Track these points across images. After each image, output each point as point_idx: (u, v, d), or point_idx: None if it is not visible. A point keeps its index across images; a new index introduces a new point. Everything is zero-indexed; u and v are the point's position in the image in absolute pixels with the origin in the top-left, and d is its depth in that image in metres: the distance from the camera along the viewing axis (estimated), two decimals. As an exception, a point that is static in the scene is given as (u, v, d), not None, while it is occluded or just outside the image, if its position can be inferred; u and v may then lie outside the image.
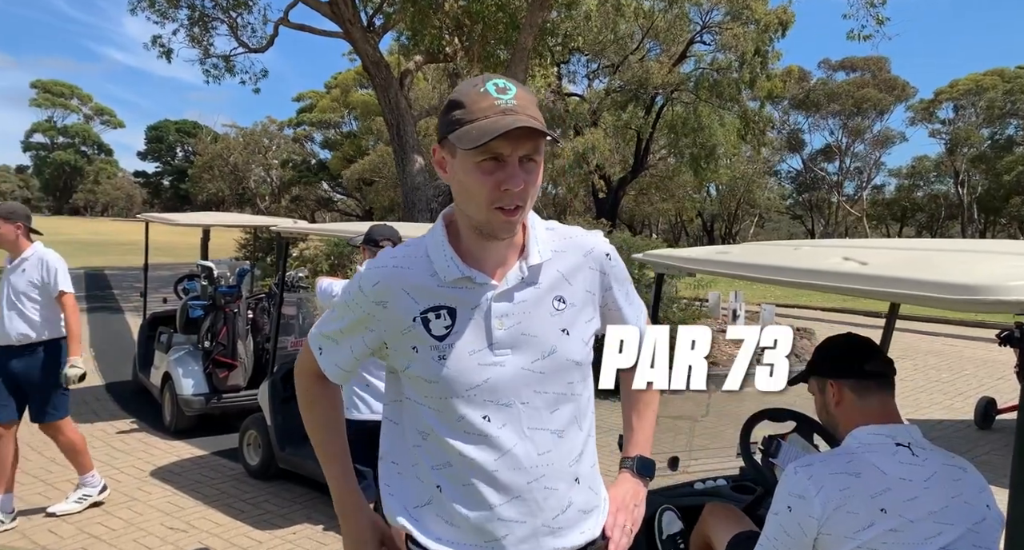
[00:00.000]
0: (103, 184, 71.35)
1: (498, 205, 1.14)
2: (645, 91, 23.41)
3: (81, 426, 5.66)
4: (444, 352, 1.18)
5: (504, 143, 1.11)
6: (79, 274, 18.19)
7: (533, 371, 1.19)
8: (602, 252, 1.30)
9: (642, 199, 37.88)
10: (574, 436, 1.24)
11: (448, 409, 1.19)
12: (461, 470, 1.19)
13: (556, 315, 1.23)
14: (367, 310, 1.24)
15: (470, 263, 1.21)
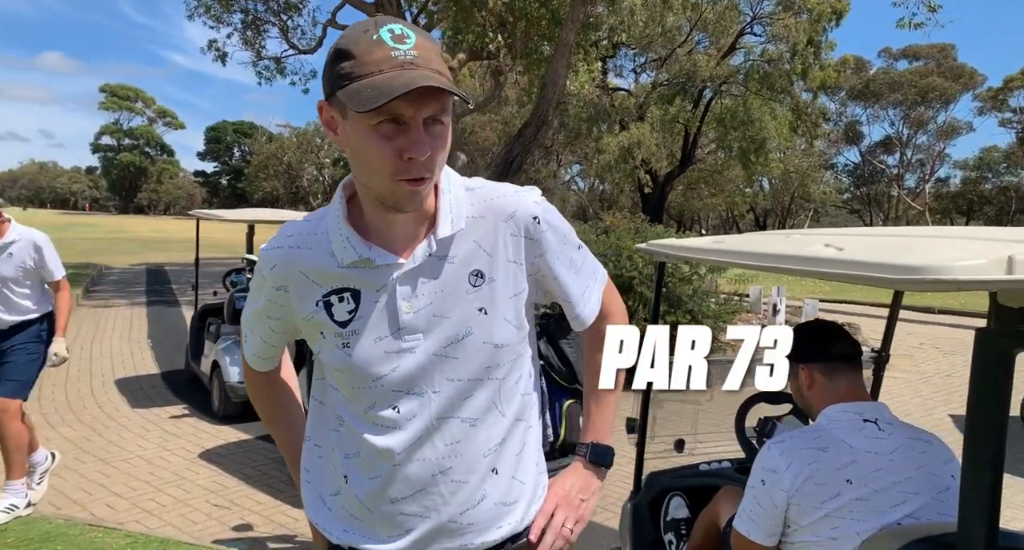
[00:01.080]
0: (165, 184, 74.30)
1: (402, 176, 0.99)
2: (693, 84, 23.05)
3: (137, 411, 6.05)
4: (348, 339, 1.08)
5: (405, 104, 0.95)
6: (141, 270, 19.09)
7: (446, 357, 1.08)
8: (527, 215, 1.11)
9: (691, 194, 37.32)
10: (492, 423, 1.12)
11: (357, 398, 1.11)
12: (368, 461, 1.11)
13: (473, 293, 1.08)
14: (268, 296, 1.14)
15: (374, 240, 1.08)
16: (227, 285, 7.14)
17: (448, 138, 1.02)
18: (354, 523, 1.15)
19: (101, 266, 18.92)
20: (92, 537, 3.33)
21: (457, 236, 1.09)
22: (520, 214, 1.11)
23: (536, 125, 12.52)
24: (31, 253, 3.64)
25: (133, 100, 75.34)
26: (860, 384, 1.65)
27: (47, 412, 5.91)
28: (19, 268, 3.63)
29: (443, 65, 0.99)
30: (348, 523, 1.15)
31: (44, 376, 7.07)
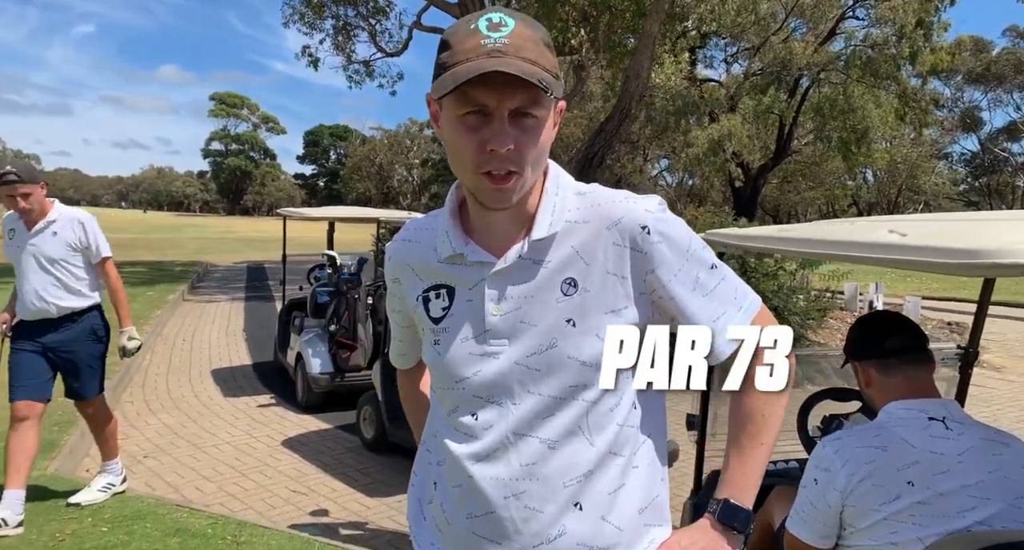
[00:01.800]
0: (268, 186, 78.62)
1: (485, 169, 0.95)
2: (788, 73, 22.02)
3: (228, 400, 6.39)
4: (439, 337, 1.06)
5: (487, 92, 0.91)
6: (242, 267, 20.24)
7: (529, 367, 1.00)
8: (634, 224, 1.00)
9: (786, 187, 35.76)
10: (576, 451, 1.01)
11: (444, 400, 1.09)
12: (451, 470, 1.07)
13: (563, 302, 1.00)
14: (391, 289, 1.17)
15: (475, 238, 1.05)
16: (310, 280, 7.44)
17: (542, 133, 0.95)
18: (438, 537, 1.11)
19: (207, 264, 20.19)
20: (177, 517, 3.53)
21: (555, 240, 1.02)
22: (627, 222, 1.01)
23: (618, 119, 12.30)
24: (76, 231, 3.47)
25: (239, 107, 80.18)
26: (925, 380, 1.51)
27: (150, 399, 6.33)
28: (67, 247, 3.45)
29: (542, 54, 0.94)
30: (435, 535, 1.12)
31: (148, 366, 7.67)
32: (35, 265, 3.41)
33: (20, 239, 3.46)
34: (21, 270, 3.44)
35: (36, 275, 3.40)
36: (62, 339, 3.46)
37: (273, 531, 3.43)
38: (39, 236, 3.43)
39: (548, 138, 0.97)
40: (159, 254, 23.28)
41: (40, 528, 3.30)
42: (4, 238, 3.51)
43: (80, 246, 3.48)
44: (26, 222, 3.44)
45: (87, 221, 3.51)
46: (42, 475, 3.94)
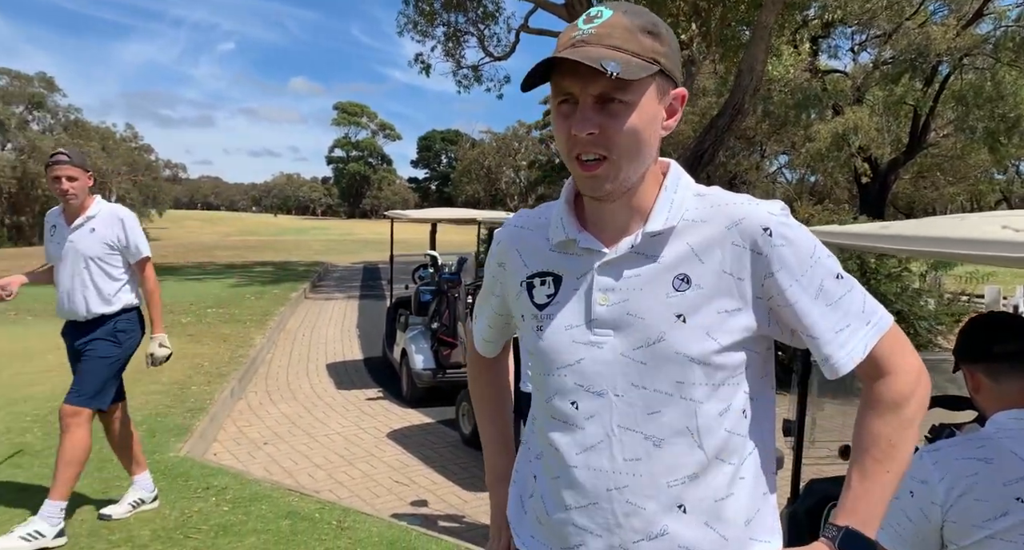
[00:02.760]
0: (384, 190, 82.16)
1: (575, 153, 0.97)
2: (925, 59, 20.31)
3: (340, 392, 6.74)
4: (542, 323, 1.06)
5: (571, 80, 0.94)
6: (359, 268, 21.26)
7: (634, 360, 0.99)
8: (755, 225, 0.98)
9: (922, 183, 33.01)
10: (682, 452, 0.99)
11: (542, 387, 1.08)
12: (549, 461, 1.07)
13: (674, 297, 0.99)
14: (493, 273, 1.19)
15: (587, 228, 1.06)
16: (415, 279, 7.71)
17: (633, 119, 0.95)
18: (539, 530, 1.11)
19: (327, 264, 21.38)
20: (290, 500, 3.77)
21: (671, 237, 1.01)
22: (748, 223, 0.99)
23: (730, 115, 11.84)
24: (115, 228, 3.24)
25: (359, 115, 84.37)
26: None
27: (271, 390, 6.80)
28: (105, 245, 3.23)
29: (632, 40, 0.94)
30: (535, 529, 1.12)
31: (272, 360, 8.24)
32: (72, 263, 3.21)
33: (60, 235, 3.28)
34: (60, 268, 3.26)
35: (70, 274, 3.21)
36: (85, 340, 3.23)
37: (375, 518, 3.58)
38: (77, 232, 3.23)
39: (644, 124, 0.96)
40: (285, 255, 24.92)
41: (173, 504, 3.62)
42: (46, 235, 3.37)
43: (119, 244, 3.25)
44: (67, 217, 3.27)
45: (127, 218, 3.28)
46: (175, 457, 4.33)
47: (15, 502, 3.54)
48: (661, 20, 0.99)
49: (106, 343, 3.23)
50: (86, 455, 3.19)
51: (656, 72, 0.95)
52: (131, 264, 3.31)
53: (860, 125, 20.54)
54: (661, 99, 0.98)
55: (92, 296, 3.22)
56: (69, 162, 3.16)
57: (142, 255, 3.30)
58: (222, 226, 59.41)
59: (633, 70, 0.91)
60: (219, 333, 8.57)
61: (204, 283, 14.68)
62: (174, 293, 12.46)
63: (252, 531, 3.35)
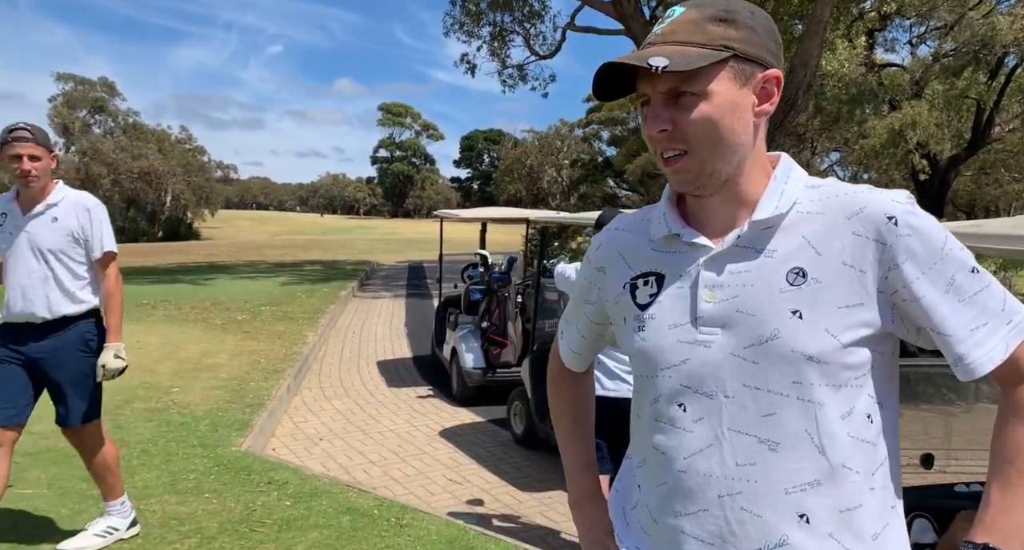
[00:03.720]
0: (427, 190, 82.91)
1: (658, 152, 0.97)
2: (989, 52, 19.47)
3: (391, 390, 6.82)
4: (644, 323, 1.02)
5: (642, 82, 0.95)
6: (404, 267, 21.49)
7: (745, 359, 0.94)
8: (879, 214, 0.92)
9: (984, 180, 31.68)
10: (802, 457, 0.93)
11: (644, 390, 1.04)
12: (654, 466, 1.02)
13: (789, 291, 0.93)
14: (589, 277, 1.15)
15: (691, 223, 1.03)
16: (464, 278, 7.74)
17: (703, 108, 0.92)
18: (645, 541, 1.07)
19: (373, 263, 21.67)
20: (348, 496, 3.82)
21: (783, 229, 0.96)
22: (870, 211, 0.92)
23: (783, 110, 11.54)
24: (80, 217, 2.85)
25: (403, 116, 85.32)
26: None
27: (324, 387, 6.92)
28: (69, 237, 2.83)
29: (698, 31, 0.92)
30: (641, 540, 1.08)
31: (324, 357, 8.38)
32: (27, 256, 2.80)
33: (13, 224, 2.84)
34: (9, 262, 2.84)
35: (26, 268, 2.80)
36: (47, 349, 2.81)
37: (432, 516, 3.61)
38: (36, 221, 2.82)
39: (721, 112, 0.92)
40: (333, 254, 25.36)
41: (237, 498, 3.71)
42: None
43: (82, 236, 2.87)
44: (22, 204, 2.85)
45: (95, 208, 2.89)
46: (237, 452, 4.44)
47: (85, 491, 3.68)
48: (744, 6, 0.95)
49: (80, 355, 2.87)
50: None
51: (726, 58, 0.91)
52: (92, 260, 2.92)
53: (918, 120, 19.82)
54: (744, 84, 0.93)
55: (55, 294, 2.82)
56: (32, 139, 2.76)
57: (105, 249, 2.91)
58: (270, 225, 60.84)
59: (689, 60, 0.89)
60: (274, 330, 8.76)
61: (256, 281, 15.04)
62: (228, 291, 12.80)
63: (314, 526, 3.40)
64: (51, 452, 4.25)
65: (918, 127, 19.91)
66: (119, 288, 2.97)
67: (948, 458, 2.08)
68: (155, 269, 17.80)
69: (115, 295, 2.94)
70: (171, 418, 5.03)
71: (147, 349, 7.27)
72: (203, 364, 6.75)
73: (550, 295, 5.39)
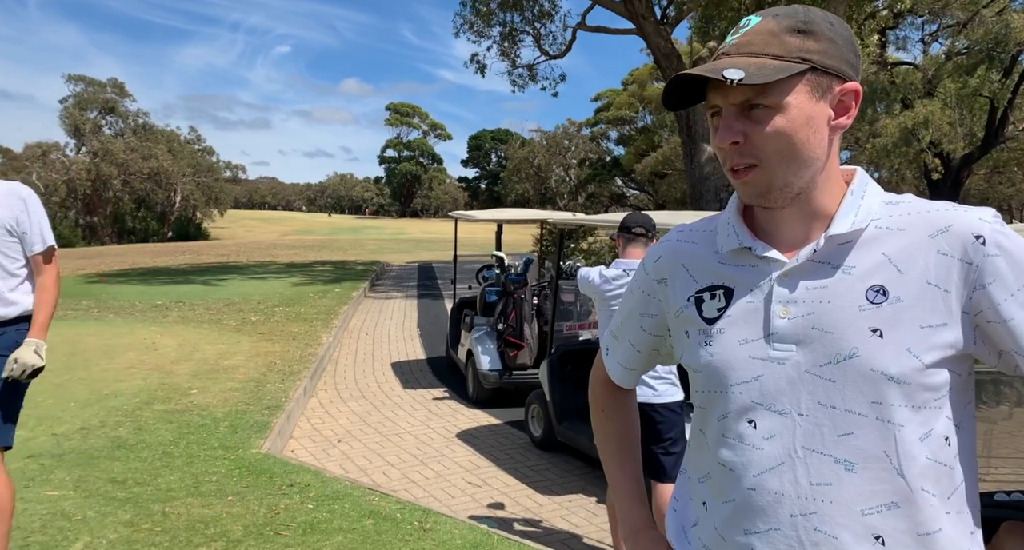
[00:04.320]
0: (435, 190, 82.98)
1: (728, 165, 0.96)
2: (1003, 49, 19.33)
3: (407, 392, 6.82)
4: (711, 337, 1.00)
5: (714, 93, 0.94)
6: (414, 267, 21.51)
7: (820, 377, 0.92)
8: (966, 232, 0.90)
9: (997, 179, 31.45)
10: (879, 478, 0.91)
11: (711, 405, 1.01)
12: (721, 483, 1.00)
13: (868, 310, 0.91)
14: (647, 289, 1.12)
15: (760, 237, 1.01)
16: (479, 280, 7.73)
17: (777, 121, 0.90)
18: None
19: (384, 263, 21.70)
20: (370, 499, 3.82)
21: (861, 245, 0.94)
22: (957, 229, 0.91)
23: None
24: (14, 208, 2.55)
25: (411, 116, 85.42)
26: None
27: (340, 388, 6.93)
28: (3, 230, 2.53)
29: (774, 42, 0.91)
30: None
31: (339, 358, 8.41)
32: None
33: None
34: None
35: None
36: None
37: (455, 520, 3.60)
38: None
39: (796, 125, 0.91)
40: (343, 254, 25.41)
41: (260, 501, 3.72)
42: None
43: (17, 229, 2.56)
44: None
45: (28, 197, 2.59)
46: (257, 454, 4.45)
47: (110, 493, 3.70)
48: (822, 16, 0.93)
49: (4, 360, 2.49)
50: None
51: (804, 70, 0.90)
52: (28, 256, 2.61)
53: (931, 119, 19.72)
54: (821, 97, 0.92)
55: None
56: None
57: (48, 244, 2.63)
58: (279, 225, 61.05)
59: (766, 73, 0.87)
60: (288, 331, 8.79)
61: (268, 282, 15.09)
62: (241, 291, 12.85)
63: (338, 530, 3.41)
64: (75, 453, 4.28)
65: (930, 126, 19.80)
66: (57, 284, 2.67)
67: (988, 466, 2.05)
68: (167, 269, 17.90)
69: (51, 290, 2.63)
70: (191, 420, 5.06)
71: (164, 350, 7.31)
72: (220, 365, 6.77)
73: (566, 297, 5.38)
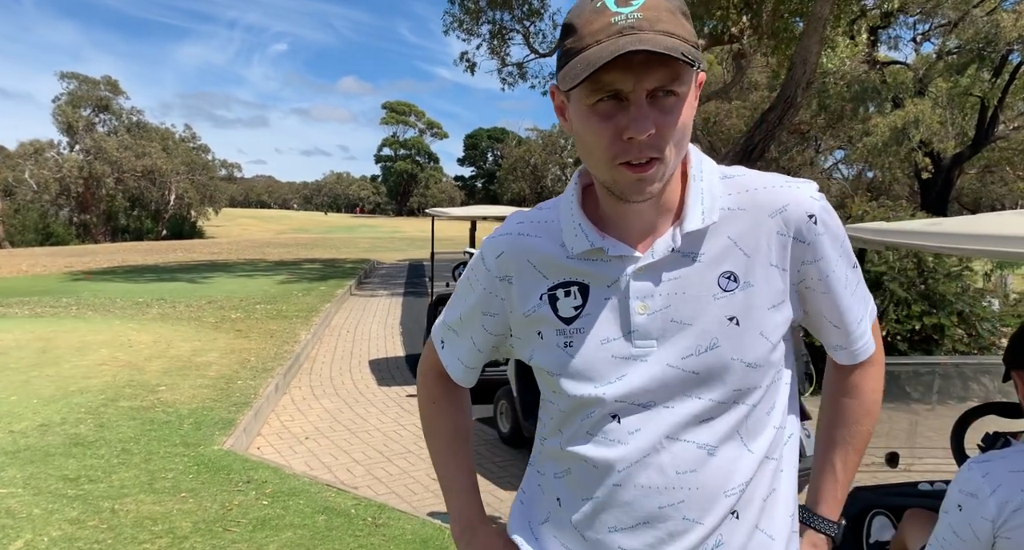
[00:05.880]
0: (431, 188, 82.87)
1: (623, 160, 0.86)
2: (994, 49, 19.39)
3: (382, 389, 6.80)
4: (571, 338, 0.96)
5: (622, 75, 0.82)
6: (404, 265, 21.49)
7: (683, 370, 0.91)
8: (801, 212, 0.93)
9: (989, 178, 31.58)
10: (736, 457, 0.93)
11: (572, 405, 0.97)
12: (581, 479, 0.97)
13: (723, 298, 0.91)
14: (489, 287, 1.04)
15: (609, 231, 0.96)
16: (455, 277, 7.71)
17: (684, 112, 0.86)
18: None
19: (374, 261, 21.67)
20: (327, 496, 3.80)
21: (708, 231, 0.93)
22: (793, 210, 0.93)
23: (781, 109, 11.51)
24: None
25: (407, 114, 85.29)
26: None
27: (315, 385, 6.90)
28: None
29: (680, 24, 0.84)
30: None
31: (316, 355, 8.37)
32: None
33: None
34: None
35: None
36: None
37: (409, 516, 3.58)
38: None
39: (689, 116, 0.87)
40: (335, 252, 25.38)
41: (214, 497, 3.70)
42: None
43: None
44: None
45: None
46: (219, 450, 4.42)
47: (60, 490, 3.67)
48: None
49: None
50: None
51: None
52: None
53: (922, 118, 19.77)
54: (696, 87, 0.90)
55: None
56: None
57: None
58: (274, 224, 60.98)
59: (696, 57, 0.82)
60: (266, 329, 8.76)
61: (254, 279, 15.05)
62: (225, 289, 12.81)
63: (289, 526, 3.38)
64: (30, 450, 4.25)
65: (921, 125, 19.86)
66: None
67: (912, 457, 2.06)
68: (155, 267, 17.85)
69: None
70: (155, 416, 5.03)
71: (138, 347, 7.27)
72: (193, 362, 6.74)
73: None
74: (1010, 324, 5.78)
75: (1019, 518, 1.17)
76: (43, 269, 17.27)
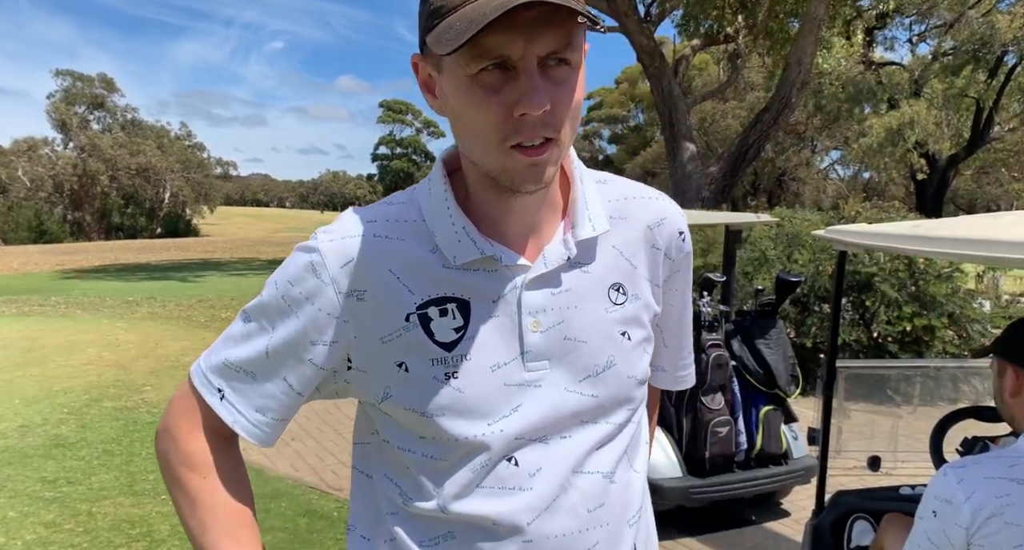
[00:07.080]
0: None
1: (514, 141, 0.70)
2: (989, 50, 19.46)
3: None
4: (455, 368, 0.77)
5: (509, 37, 0.66)
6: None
7: (582, 394, 0.80)
8: (674, 227, 0.88)
9: (985, 179, 31.72)
10: (628, 481, 0.85)
11: (453, 453, 0.78)
12: (476, 540, 0.79)
13: (614, 312, 0.82)
14: (326, 307, 0.78)
15: (487, 232, 0.79)
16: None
17: (578, 85, 0.72)
18: None
19: (369, 260, 21.63)
20: (310, 498, 3.76)
21: (599, 239, 0.83)
22: (668, 224, 0.88)
23: (777, 109, 11.51)
24: None
25: (404, 113, 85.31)
26: None
27: (303, 384, 6.86)
28: None
29: None
30: None
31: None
32: None
33: None
34: None
35: None
36: None
37: (392, 520, 3.54)
38: None
39: (582, 92, 0.74)
40: (329, 251, 25.31)
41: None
42: None
43: None
44: None
45: None
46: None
47: (37, 493, 3.62)
48: None
49: None
50: None
51: None
52: None
53: (917, 119, 19.83)
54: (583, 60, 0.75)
55: None
56: None
57: None
58: (270, 223, 60.91)
59: (590, 14, 0.67)
60: (257, 328, 8.71)
61: (248, 278, 15.00)
62: (217, 288, 12.75)
63: (270, 529, 3.34)
64: (9, 452, 4.20)
65: (916, 126, 19.92)
66: None
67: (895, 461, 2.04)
68: (147, 266, 17.78)
69: None
70: (139, 417, 4.98)
71: (125, 346, 7.22)
72: (180, 362, 6.69)
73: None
74: (1000, 325, 5.76)
75: (993, 525, 1.15)
76: (35, 267, 17.21)
